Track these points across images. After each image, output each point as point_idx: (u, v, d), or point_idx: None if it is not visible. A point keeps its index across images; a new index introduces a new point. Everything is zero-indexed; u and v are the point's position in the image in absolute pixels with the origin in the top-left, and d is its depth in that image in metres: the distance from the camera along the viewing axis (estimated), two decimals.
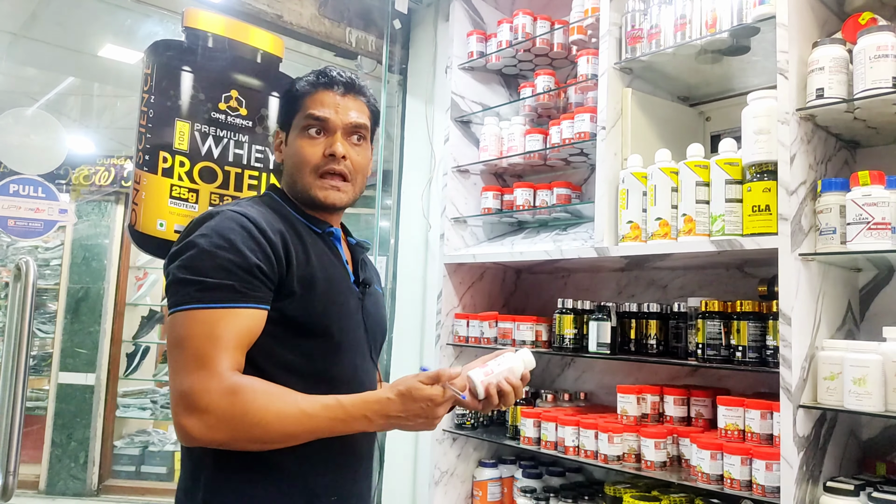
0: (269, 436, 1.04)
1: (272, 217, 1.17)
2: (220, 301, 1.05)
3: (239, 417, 1.01)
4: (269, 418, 1.02)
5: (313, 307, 1.15)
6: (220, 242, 1.07)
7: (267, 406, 1.03)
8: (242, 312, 1.06)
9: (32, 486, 4.31)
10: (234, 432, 1.02)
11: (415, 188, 2.93)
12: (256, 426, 1.02)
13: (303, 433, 1.06)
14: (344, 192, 1.23)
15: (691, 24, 1.85)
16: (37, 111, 2.64)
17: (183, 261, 1.07)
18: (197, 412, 1.01)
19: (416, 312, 2.86)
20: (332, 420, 1.06)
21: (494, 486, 2.35)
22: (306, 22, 2.62)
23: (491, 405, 1.22)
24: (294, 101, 1.25)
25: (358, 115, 1.24)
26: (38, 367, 4.48)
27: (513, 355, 1.25)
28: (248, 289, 1.07)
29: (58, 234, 4.53)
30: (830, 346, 1.54)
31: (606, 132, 1.97)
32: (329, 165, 1.21)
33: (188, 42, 2.28)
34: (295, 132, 1.24)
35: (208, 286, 1.05)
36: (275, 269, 1.10)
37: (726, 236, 1.67)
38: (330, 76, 1.24)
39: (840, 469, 1.63)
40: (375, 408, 1.08)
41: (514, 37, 2.43)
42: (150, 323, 4.64)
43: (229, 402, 1.01)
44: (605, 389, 2.32)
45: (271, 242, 1.11)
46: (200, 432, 1.01)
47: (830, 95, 1.52)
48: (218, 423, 1.01)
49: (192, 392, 1.01)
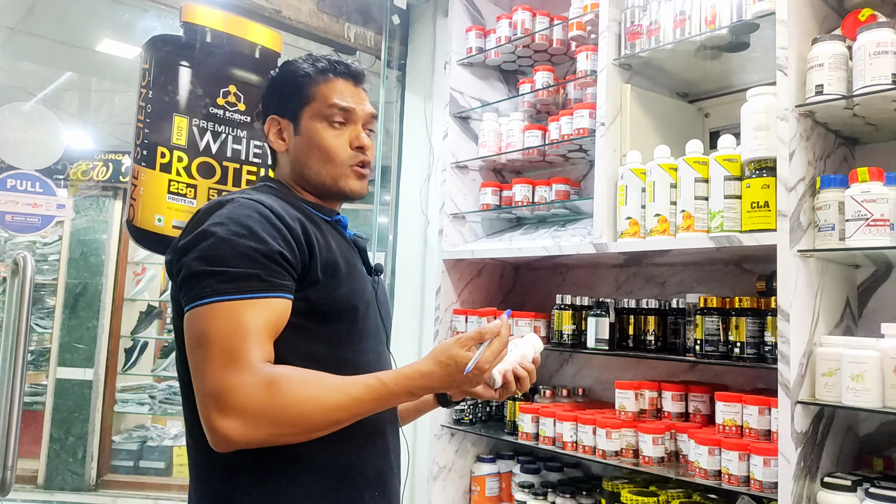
0: (314, 425, 0.98)
1: (284, 204, 1.12)
2: (245, 291, 0.98)
3: (280, 410, 0.94)
4: (311, 407, 0.96)
5: (339, 292, 1.10)
6: (238, 230, 1.00)
7: (308, 394, 0.97)
8: (269, 302, 1.00)
9: (31, 481, 4.31)
10: (277, 427, 0.95)
11: (413, 184, 2.93)
12: (300, 416, 0.96)
13: (347, 418, 1.01)
14: (366, 182, 1.23)
15: (690, 20, 1.84)
16: (34, 106, 2.64)
17: (199, 251, 1.00)
18: (233, 412, 0.93)
19: (415, 308, 2.86)
20: (377, 400, 1.02)
21: (492, 482, 2.36)
22: (305, 17, 2.61)
23: (508, 392, 1.20)
24: (301, 87, 1.19)
25: (372, 107, 1.23)
26: (36, 362, 4.47)
27: (521, 340, 1.25)
28: (273, 276, 1.00)
29: (56, 229, 4.52)
30: (828, 342, 1.54)
31: (605, 128, 1.96)
32: (360, 157, 1.19)
33: (186, 37, 2.27)
34: (313, 121, 1.18)
35: (231, 276, 0.98)
36: (297, 256, 1.05)
37: (725, 233, 1.67)
38: (346, 65, 1.21)
39: (837, 465, 1.64)
40: (419, 383, 1.04)
41: (513, 32, 2.43)
42: (148, 318, 4.64)
43: (267, 395, 0.94)
44: (604, 385, 2.33)
45: (291, 229, 1.05)
46: (239, 433, 0.93)
47: (830, 92, 1.52)
48: (258, 421, 0.94)
49: (224, 390, 0.93)
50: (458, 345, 1.05)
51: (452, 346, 1.06)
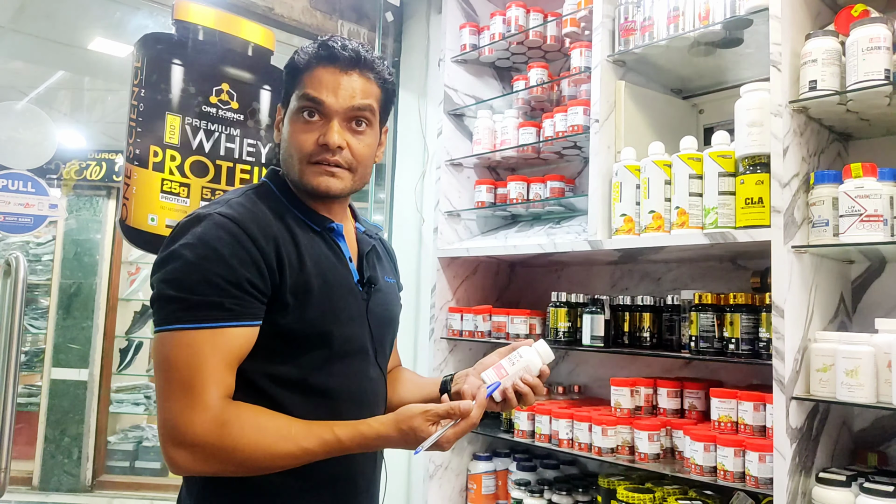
0: (262, 469, 0.99)
1: (266, 217, 1.07)
2: (205, 321, 0.96)
3: (229, 452, 0.96)
4: (260, 454, 0.97)
5: (309, 316, 1.06)
6: (207, 253, 0.98)
7: (258, 442, 0.97)
8: (231, 332, 0.98)
9: (26, 483, 4.29)
10: (225, 465, 0.97)
11: (408, 182, 2.92)
12: (248, 460, 0.97)
13: (296, 465, 1.01)
14: (339, 178, 1.11)
15: (684, 16, 1.84)
16: (26, 105, 2.62)
17: (166, 273, 0.99)
18: (184, 445, 0.95)
19: (410, 306, 2.85)
20: (329, 453, 1.01)
21: (489, 479, 2.36)
22: (298, 14, 2.60)
23: (510, 406, 1.16)
24: (292, 76, 1.13)
25: (362, 97, 1.11)
26: (30, 362, 4.45)
27: (528, 349, 1.18)
28: (237, 305, 0.98)
29: (49, 229, 4.50)
30: (823, 337, 1.55)
31: (600, 125, 1.96)
32: (322, 155, 1.09)
33: (178, 35, 2.26)
34: (291, 112, 1.12)
35: (193, 304, 0.96)
36: (267, 281, 1.02)
37: (719, 229, 1.67)
38: (331, 49, 1.10)
39: (832, 460, 1.64)
40: (374, 443, 1.02)
41: (507, 29, 2.42)
42: (143, 318, 4.62)
43: (217, 437, 0.95)
44: (599, 382, 2.33)
45: (263, 251, 1.02)
46: (189, 464, 0.96)
47: (823, 87, 1.52)
48: (206, 458, 0.96)
49: (178, 424, 0.95)
50: (423, 417, 1.01)
51: (417, 416, 1.02)
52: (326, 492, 1.10)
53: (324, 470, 1.06)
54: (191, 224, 1.03)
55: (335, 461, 1.05)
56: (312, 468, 1.04)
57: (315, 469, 1.04)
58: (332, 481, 1.11)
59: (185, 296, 0.97)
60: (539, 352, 1.18)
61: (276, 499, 1.06)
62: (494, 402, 1.15)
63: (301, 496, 1.08)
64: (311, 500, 1.09)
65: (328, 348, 1.08)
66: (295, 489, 1.07)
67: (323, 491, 1.10)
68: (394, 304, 1.31)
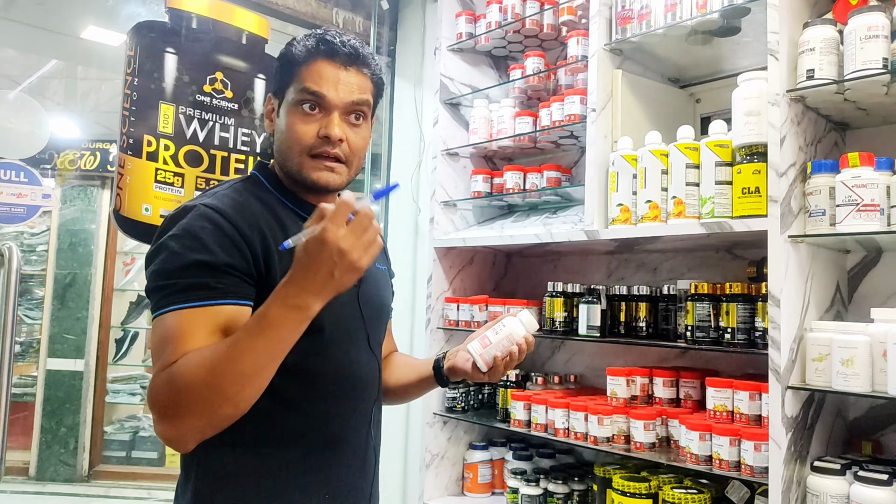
0: (227, 392, 0.93)
1: (253, 207, 1.09)
2: (194, 300, 0.98)
3: (185, 397, 0.93)
4: (210, 378, 0.92)
5: None
6: (191, 243, 1.01)
7: (201, 368, 0.93)
8: (215, 309, 0.99)
9: (22, 473, 4.30)
10: (194, 414, 0.94)
11: (404, 172, 2.91)
12: (207, 390, 0.92)
13: (252, 367, 0.94)
14: (338, 174, 1.13)
15: (682, 4, 1.83)
16: (18, 94, 2.59)
17: (155, 265, 1.03)
18: (156, 416, 0.96)
19: (407, 296, 2.85)
20: (263, 328, 0.93)
21: (485, 468, 2.37)
22: (292, 2, 2.58)
23: (497, 374, 1.20)
24: (289, 67, 1.14)
25: (360, 92, 1.13)
26: (25, 353, 4.45)
27: (512, 319, 1.22)
28: (223, 285, 1.00)
29: (43, 219, 4.49)
30: (819, 327, 1.55)
31: (596, 114, 1.95)
32: (323, 148, 1.11)
33: (172, 23, 2.24)
34: (289, 104, 1.13)
35: (179, 287, 0.99)
36: (251, 268, 1.03)
37: (716, 219, 1.66)
38: (331, 45, 1.11)
39: (827, 449, 1.65)
40: (284, 291, 0.94)
41: (504, 18, 2.41)
42: (138, 308, 4.62)
43: (168, 389, 0.94)
44: (595, 372, 2.33)
45: (247, 239, 1.04)
46: (171, 434, 0.96)
47: (821, 77, 1.51)
48: (173, 414, 0.95)
49: (148, 398, 0.97)
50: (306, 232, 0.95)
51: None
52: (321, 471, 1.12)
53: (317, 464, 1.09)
54: (178, 216, 1.06)
55: (329, 459, 1.10)
56: (305, 472, 1.07)
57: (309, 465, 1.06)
58: (323, 462, 1.13)
59: (174, 281, 1.00)
60: (522, 321, 1.22)
61: (269, 482, 1.08)
62: (481, 373, 1.20)
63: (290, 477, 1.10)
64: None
65: (319, 334, 1.09)
66: (282, 473, 1.09)
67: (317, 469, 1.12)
68: (385, 290, 1.34)
